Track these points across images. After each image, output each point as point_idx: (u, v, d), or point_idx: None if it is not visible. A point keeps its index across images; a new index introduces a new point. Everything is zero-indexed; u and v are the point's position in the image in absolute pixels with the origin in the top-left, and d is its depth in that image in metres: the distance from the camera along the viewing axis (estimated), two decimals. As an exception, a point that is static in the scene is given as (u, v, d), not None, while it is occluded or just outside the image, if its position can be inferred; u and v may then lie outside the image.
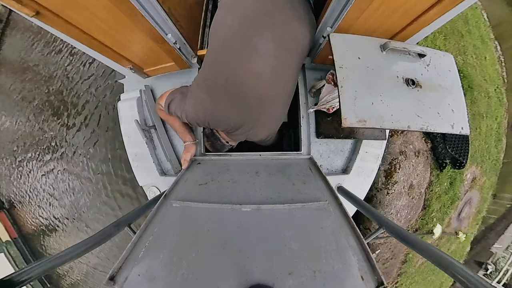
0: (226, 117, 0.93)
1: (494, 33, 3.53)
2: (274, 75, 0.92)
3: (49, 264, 0.50)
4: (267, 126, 1.02)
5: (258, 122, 0.98)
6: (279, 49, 0.91)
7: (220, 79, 0.90)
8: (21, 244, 4.45)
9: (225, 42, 0.92)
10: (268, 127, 1.03)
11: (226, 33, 0.92)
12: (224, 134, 1.08)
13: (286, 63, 0.95)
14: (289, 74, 0.98)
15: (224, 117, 0.93)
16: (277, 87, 0.96)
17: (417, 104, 0.84)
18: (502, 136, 3.17)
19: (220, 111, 0.92)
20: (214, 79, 0.92)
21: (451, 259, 0.49)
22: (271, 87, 0.93)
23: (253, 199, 0.76)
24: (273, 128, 1.05)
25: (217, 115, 0.93)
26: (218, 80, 0.91)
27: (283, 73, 0.95)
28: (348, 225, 0.63)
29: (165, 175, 1.28)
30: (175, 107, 0.98)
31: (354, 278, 0.50)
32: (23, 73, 4.39)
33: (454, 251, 3.09)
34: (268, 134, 1.05)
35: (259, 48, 0.89)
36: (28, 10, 0.67)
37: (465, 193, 2.76)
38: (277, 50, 0.91)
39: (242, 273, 0.50)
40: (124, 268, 0.51)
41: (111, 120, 3.62)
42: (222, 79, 0.90)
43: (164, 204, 0.73)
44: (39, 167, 4.06)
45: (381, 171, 2.14)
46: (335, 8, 0.82)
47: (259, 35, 0.89)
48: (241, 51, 0.90)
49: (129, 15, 0.81)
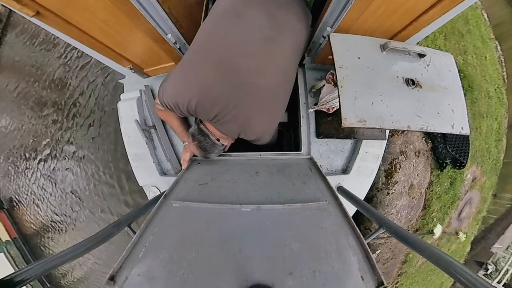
0: (210, 89, 0.81)
1: (494, 33, 3.52)
2: (266, 48, 0.85)
3: (49, 264, 0.50)
4: (262, 114, 0.89)
5: (251, 106, 0.85)
6: (272, 25, 0.87)
7: (205, 50, 0.85)
8: (21, 244, 4.45)
9: (215, 20, 0.89)
10: (264, 116, 0.90)
11: (218, 11, 0.90)
12: (213, 127, 0.94)
13: (280, 43, 0.88)
14: (283, 56, 0.90)
15: (207, 91, 0.82)
16: (271, 66, 0.87)
17: (417, 104, 0.84)
18: (503, 136, 3.17)
19: (202, 83, 0.82)
20: (198, 51, 0.87)
21: (451, 259, 0.49)
22: (264, 63, 0.85)
23: (253, 199, 0.76)
24: (269, 119, 0.93)
25: (199, 89, 0.82)
26: (202, 52, 0.85)
27: (277, 52, 0.88)
28: (348, 225, 0.63)
29: (165, 175, 1.28)
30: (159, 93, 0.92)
31: (354, 278, 0.50)
32: (23, 73, 4.39)
33: (454, 251, 3.09)
34: (265, 128, 0.93)
35: (249, 18, 0.85)
36: (28, 10, 0.67)
37: (466, 193, 2.76)
38: (269, 26, 0.86)
39: (242, 273, 0.50)
40: (124, 268, 0.51)
41: (112, 119, 3.62)
42: (207, 50, 0.84)
43: (164, 204, 0.73)
44: (39, 167, 4.06)
45: (381, 171, 2.14)
46: (335, 8, 0.82)
47: (251, 7, 0.86)
48: (230, 21, 0.86)
49: (129, 15, 0.81)
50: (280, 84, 0.92)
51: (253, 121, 0.90)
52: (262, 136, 0.96)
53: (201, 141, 0.97)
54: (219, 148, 1.01)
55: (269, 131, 0.97)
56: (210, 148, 0.99)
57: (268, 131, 0.97)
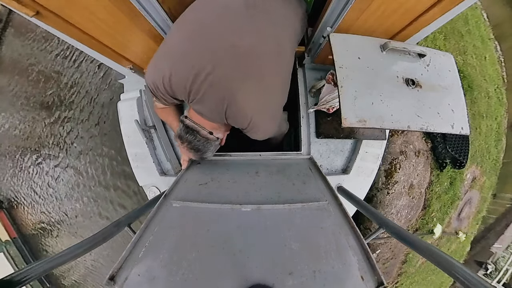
0: (184, 57, 0.71)
1: (494, 33, 3.53)
2: (249, 12, 0.76)
3: (49, 264, 0.50)
4: (251, 85, 0.74)
5: (232, 72, 0.71)
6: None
7: (180, 24, 0.79)
8: (20, 244, 4.45)
9: (193, 4, 0.83)
10: (253, 88, 0.74)
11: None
12: (198, 116, 0.82)
13: (267, 10, 0.79)
14: (272, 22, 0.79)
15: (182, 59, 0.72)
16: (257, 27, 0.75)
17: (417, 104, 0.84)
18: (502, 136, 3.17)
19: (176, 53, 0.74)
20: (173, 27, 0.82)
21: (451, 259, 0.49)
22: (247, 24, 0.74)
23: (253, 199, 0.76)
24: (263, 95, 0.77)
25: (173, 59, 0.73)
26: (177, 26, 0.80)
27: (263, 16, 0.78)
28: (348, 225, 0.63)
29: (165, 175, 1.28)
30: None
31: (354, 278, 0.50)
32: (23, 73, 4.39)
33: (454, 251, 3.09)
34: (257, 107, 0.77)
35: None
36: (28, 10, 0.67)
37: (465, 193, 2.76)
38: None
39: (242, 273, 0.50)
40: (124, 268, 0.51)
41: (112, 118, 3.63)
42: (182, 24, 0.79)
43: (164, 204, 0.73)
44: (38, 167, 4.06)
45: (381, 171, 2.14)
46: (335, 8, 0.83)
47: None
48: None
49: (129, 15, 0.81)
50: (273, 52, 0.77)
51: (240, 94, 0.72)
52: (257, 121, 0.78)
53: (191, 141, 0.85)
54: (213, 143, 0.89)
55: (264, 114, 0.79)
56: (203, 146, 0.87)
57: (263, 114, 0.79)
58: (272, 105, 0.82)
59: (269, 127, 0.87)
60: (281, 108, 0.87)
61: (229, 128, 0.93)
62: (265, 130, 0.85)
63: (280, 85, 0.82)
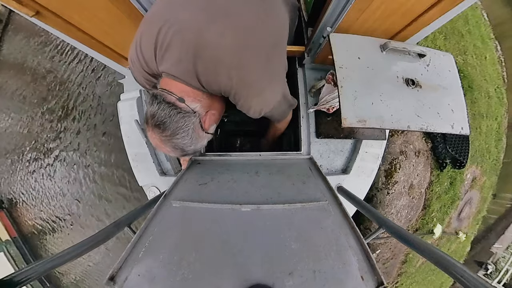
0: (151, 19, 0.63)
1: (494, 33, 3.52)
2: None
3: (49, 264, 0.50)
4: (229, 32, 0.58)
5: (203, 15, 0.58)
6: None
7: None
8: (20, 243, 4.45)
9: None
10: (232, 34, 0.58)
11: None
12: (166, 78, 0.65)
13: None
14: None
15: (150, 22, 0.63)
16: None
17: (417, 104, 0.84)
18: (502, 136, 3.17)
19: (149, 12, 0.66)
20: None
21: (451, 259, 0.49)
22: None
23: (253, 199, 0.76)
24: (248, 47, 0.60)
25: (147, 20, 0.65)
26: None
27: None
28: (348, 225, 0.63)
29: (165, 175, 1.28)
30: None
31: (354, 278, 0.50)
32: (23, 73, 4.40)
33: (454, 251, 3.09)
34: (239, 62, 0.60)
35: None
36: (28, 10, 0.67)
37: (465, 193, 2.76)
38: None
39: (242, 273, 0.50)
40: (124, 268, 0.51)
41: (112, 118, 3.63)
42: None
43: (164, 204, 0.73)
44: (39, 166, 4.07)
45: (381, 171, 2.14)
46: (335, 8, 0.82)
47: None
48: None
49: (129, 15, 0.81)
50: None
51: (209, 35, 0.56)
52: (244, 77, 0.61)
53: (154, 114, 0.63)
54: (190, 121, 0.66)
55: (250, 67, 0.61)
56: (171, 120, 0.63)
57: (249, 67, 0.61)
58: (260, 54, 0.62)
59: (264, 90, 0.67)
60: (279, 66, 0.70)
61: (217, 105, 0.73)
62: (259, 93, 0.66)
63: (269, 29, 0.64)
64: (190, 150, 0.72)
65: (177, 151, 0.70)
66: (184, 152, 0.72)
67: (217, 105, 0.75)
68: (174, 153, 0.72)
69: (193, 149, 0.72)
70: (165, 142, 0.67)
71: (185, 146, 0.69)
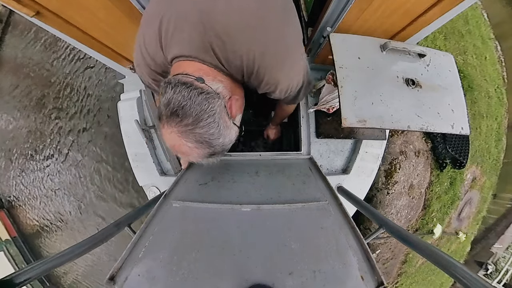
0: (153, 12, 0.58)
1: (494, 33, 3.52)
2: None
3: (49, 264, 0.51)
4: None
5: None
6: None
7: None
8: (20, 243, 4.45)
9: None
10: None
11: None
12: (178, 60, 0.56)
13: None
14: None
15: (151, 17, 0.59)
16: None
17: (417, 104, 0.84)
18: (502, 136, 3.17)
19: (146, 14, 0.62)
20: None
21: (451, 259, 0.49)
22: None
23: (253, 199, 0.76)
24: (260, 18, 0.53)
25: (145, 20, 0.62)
26: None
27: None
28: (348, 225, 0.63)
29: (165, 175, 1.28)
30: None
31: (354, 278, 0.50)
32: (23, 73, 4.40)
33: (454, 251, 3.09)
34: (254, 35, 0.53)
35: None
36: (28, 10, 0.67)
37: (465, 193, 2.76)
38: None
39: (242, 273, 0.50)
40: (124, 268, 0.51)
41: (112, 118, 3.63)
42: None
43: (164, 204, 0.73)
44: (39, 166, 4.07)
45: (381, 171, 2.14)
46: (335, 8, 0.82)
47: None
48: None
49: (129, 15, 0.81)
50: None
51: (221, 8, 0.51)
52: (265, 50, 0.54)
53: (169, 102, 0.50)
54: (217, 104, 0.53)
55: (272, 42, 0.55)
56: (200, 108, 0.50)
57: (271, 41, 0.54)
58: (278, 15, 0.56)
59: (289, 57, 0.60)
60: (297, 31, 0.62)
61: (239, 91, 0.63)
62: (283, 61, 0.58)
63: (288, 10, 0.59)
64: (218, 146, 0.56)
65: (203, 147, 0.54)
66: (212, 148, 0.55)
67: (239, 91, 0.62)
68: (199, 152, 0.55)
69: (221, 144, 0.56)
70: (186, 134, 0.51)
71: (212, 138, 0.53)
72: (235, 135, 0.61)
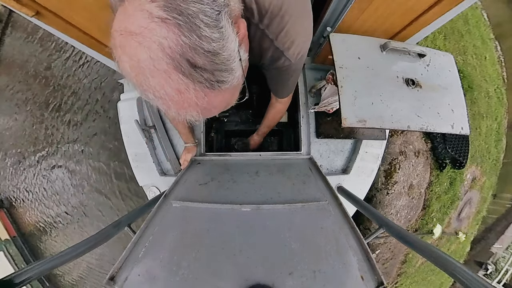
0: None
1: (494, 33, 3.53)
2: None
3: (49, 264, 0.50)
4: None
5: None
6: None
7: None
8: (20, 243, 4.45)
9: None
10: None
11: None
12: None
13: None
14: None
15: None
16: None
17: (417, 104, 0.84)
18: (502, 136, 3.17)
19: None
20: None
21: (451, 259, 0.49)
22: None
23: (253, 199, 0.76)
24: None
25: None
26: None
27: None
28: (348, 225, 0.63)
29: (165, 175, 1.28)
30: None
31: (354, 278, 0.50)
32: (23, 73, 4.39)
33: (454, 251, 3.09)
34: None
35: None
36: (28, 10, 0.67)
37: (465, 193, 2.76)
38: None
39: (242, 273, 0.50)
40: (124, 268, 0.51)
41: (112, 118, 3.63)
42: None
43: (164, 204, 0.73)
44: (38, 166, 4.06)
45: (381, 171, 2.14)
46: (335, 8, 0.83)
47: None
48: None
49: (129, 15, 0.80)
50: None
51: None
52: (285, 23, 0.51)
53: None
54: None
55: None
56: (196, 6, 0.32)
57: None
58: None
59: (309, 13, 0.58)
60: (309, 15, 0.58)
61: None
62: (305, 15, 0.57)
63: None
64: (224, 58, 0.36)
65: (203, 58, 0.34)
66: (216, 60, 0.35)
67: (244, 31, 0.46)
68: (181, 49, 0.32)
69: (226, 57, 0.36)
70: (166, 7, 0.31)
71: (214, 44, 0.34)
72: (241, 70, 0.41)
